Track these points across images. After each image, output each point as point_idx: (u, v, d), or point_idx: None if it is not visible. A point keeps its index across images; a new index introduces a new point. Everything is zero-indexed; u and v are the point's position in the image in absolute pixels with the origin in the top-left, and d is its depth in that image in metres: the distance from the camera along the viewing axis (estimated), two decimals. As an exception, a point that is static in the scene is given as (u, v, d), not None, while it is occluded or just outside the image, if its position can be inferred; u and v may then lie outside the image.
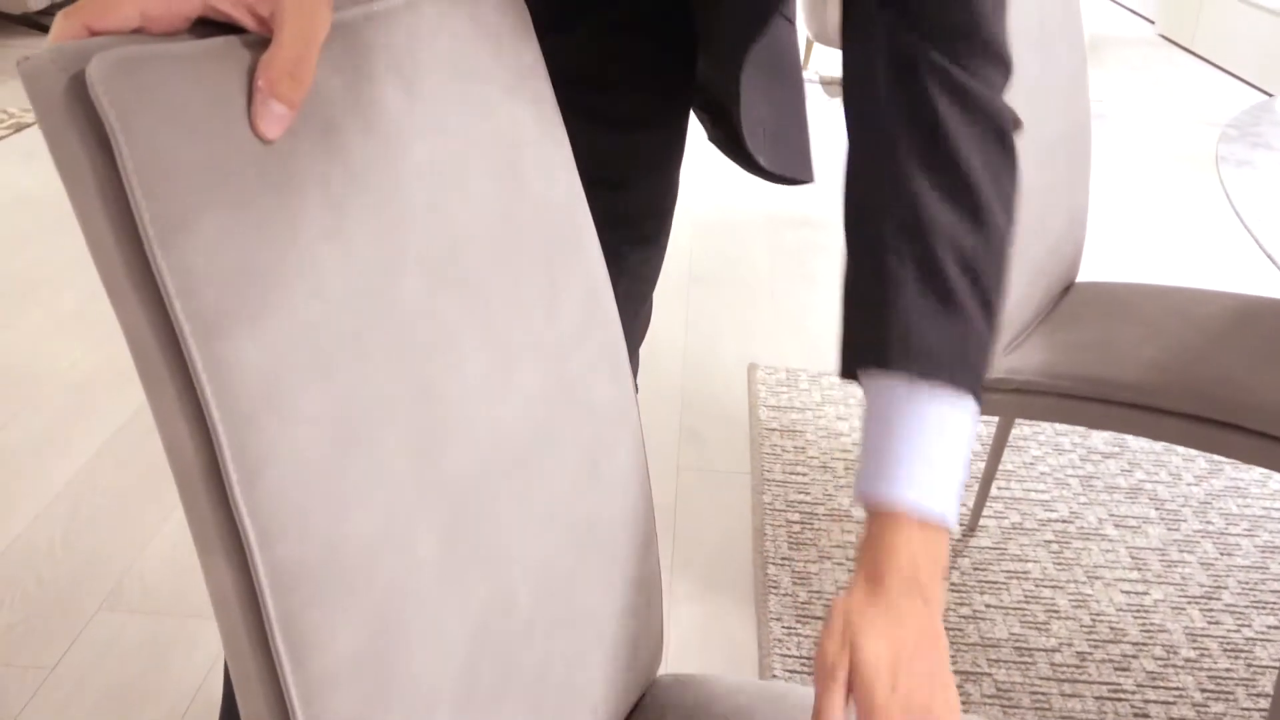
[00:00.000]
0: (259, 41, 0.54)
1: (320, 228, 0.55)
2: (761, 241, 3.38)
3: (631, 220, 1.02)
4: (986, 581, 1.93)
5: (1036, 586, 1.93)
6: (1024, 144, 1.43)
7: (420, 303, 0.61)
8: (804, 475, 2.20)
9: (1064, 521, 2.10)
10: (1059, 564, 1.98)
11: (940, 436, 0.71)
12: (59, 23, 0.50)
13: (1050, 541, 2.04)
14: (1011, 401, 1.50)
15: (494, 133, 0.69)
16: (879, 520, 0.71)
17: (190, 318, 0.49)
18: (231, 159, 0.51)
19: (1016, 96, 1.40)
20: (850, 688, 0.67)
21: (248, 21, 0.54)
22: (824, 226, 3.53)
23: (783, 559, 1.96)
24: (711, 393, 2.51)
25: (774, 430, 2.36)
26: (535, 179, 0.73)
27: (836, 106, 4.78)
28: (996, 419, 2.10)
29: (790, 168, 1.02)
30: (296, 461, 0.53)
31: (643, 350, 2.63)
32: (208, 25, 0.54)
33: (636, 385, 1.14)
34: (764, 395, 2.49)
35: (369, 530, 0.57)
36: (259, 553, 0.51)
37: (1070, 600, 1.89)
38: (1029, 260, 1.52)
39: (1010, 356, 1.53)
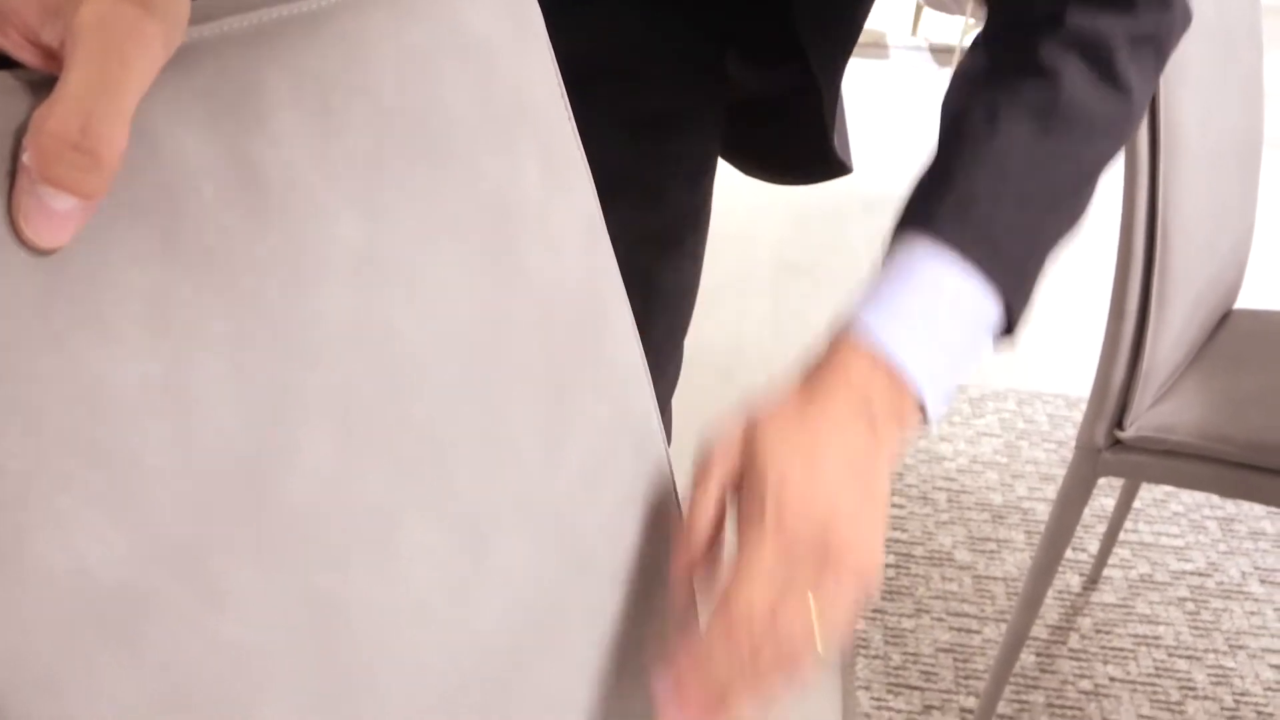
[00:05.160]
0: (46, 82, 0.33)
1: (135, 383, 0.34)
2: (859, 229, 3.12)
3: (666, 238, 0.81)
4: (1111, 649, 1.67)
5: (1169, 656, 1.66)
6: (1193, 155, 1.16)
7: (325, 476, 0.40)
8: (900, 508, 1.96)
9: (1201, 575, 1.83)
10: (1195, 628, 1.72)
11: (953, 310, 0.58)
12: None
13: (1185, 599, 1.77)
14: (1162, 466, 1.24)
15: (474, 197, 0.47)
16: (840, 346, 0.57)
17: None
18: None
19: (1193, 99, 1.14)
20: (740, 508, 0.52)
21: (24, 54, 0.33)
22: (930, 212, 3.24)
23: (874, 611, 1.72)
24: (800, 404, 2.26)
25: (868, 451, 2.11)
26: (537, 254, 0.50)
27: (945, 77, 4.45)
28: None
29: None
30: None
31: (722, 353, 2.40)
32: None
33: (670, 435, 0.93)
34: (858, 409, 2.24)
35: None
36: None
37: (1209, 675, 1.63)
38: (1191, 290, 1.26)
39: (1160, 408, 1.27)
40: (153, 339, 0.34)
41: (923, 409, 0.57)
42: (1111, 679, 1.62)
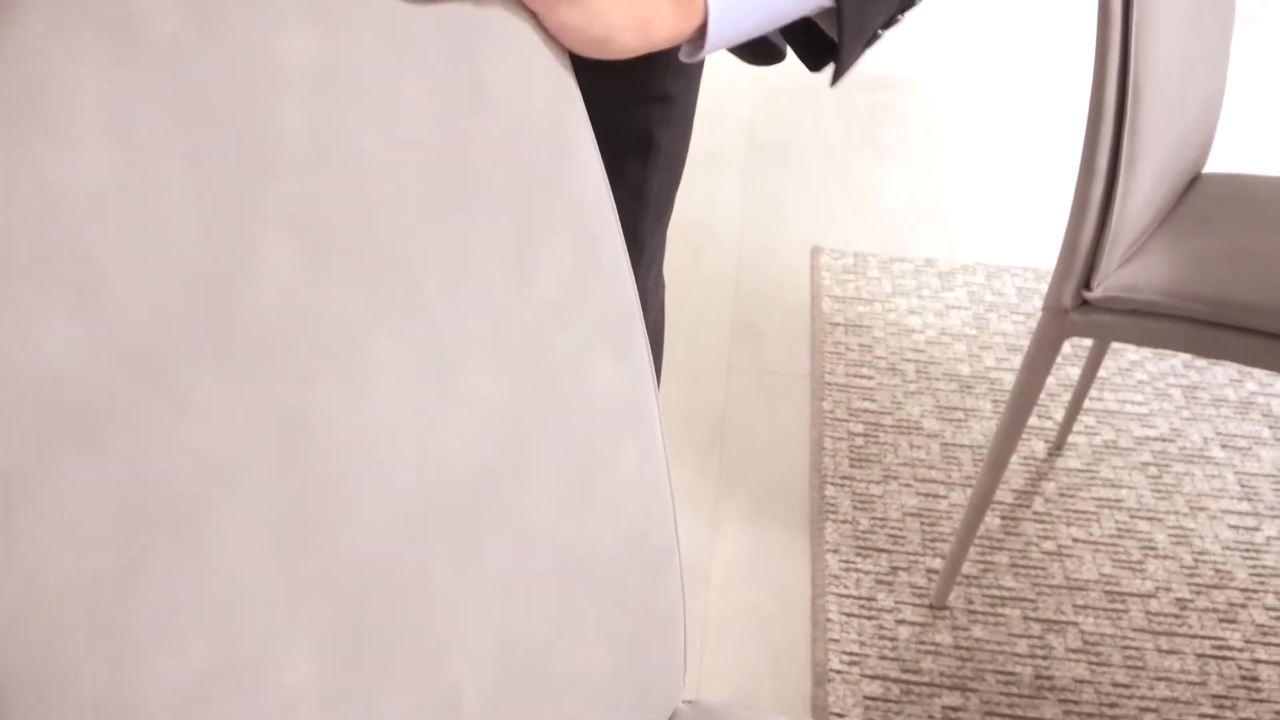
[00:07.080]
0: None
1: (90, 185, 0.33)
2: (830, 106, 3.08)
3: (663, 96, 0.78)
4: (1074, 511, 1.70)
5: (1131, 518, 1.70)
6: (1166, 9, 1.15)
7: (289, 290, 0.39)
8: (869, 378, 1.97)
9: (1164, 440, 1.86)
10: (1157, 491, 1.75)
11: None
12: None
13: (1148, 464, 1.81)
14: (1129, 325, 1.25)
15: (435, 15, 0.45)
16: None
17: None
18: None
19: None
20: None
21: None
22: (902, 89, 3.21)
23: (843, 478, 1.74)
24: (770, 280, 2.26)
25: (837, 325, 2.12)
26: (499, 80, 0.49)
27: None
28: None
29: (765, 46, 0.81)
30: (32, 598, 0.31)
31: (693, 232, 2.38)
32: None
33: (667, 286, 0.91)
34: (828, 283, 2.24)
35: (183, 675, 0.35)
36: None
37: (1169, 535, 1.67)
38: (1160, 148, 1.26)
39: (1128, 268, 1.27)
40: (108, 144, 0.33)
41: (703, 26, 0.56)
42: (1074, 540, 1.65)
